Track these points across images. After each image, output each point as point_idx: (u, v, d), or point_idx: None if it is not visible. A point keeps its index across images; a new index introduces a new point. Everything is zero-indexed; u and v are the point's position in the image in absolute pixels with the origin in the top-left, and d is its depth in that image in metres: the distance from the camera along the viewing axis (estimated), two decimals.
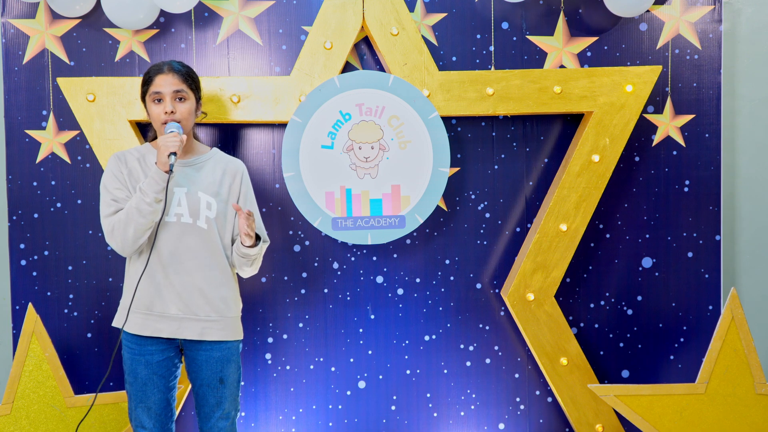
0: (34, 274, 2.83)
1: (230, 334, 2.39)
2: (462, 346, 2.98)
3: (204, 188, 2.38)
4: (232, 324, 2.40)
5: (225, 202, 2.41)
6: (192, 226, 2.34)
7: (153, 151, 2.41)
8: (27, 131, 2.80)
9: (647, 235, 2.98)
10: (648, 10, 2.92)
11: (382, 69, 2.90)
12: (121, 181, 2.34)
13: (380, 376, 2.98)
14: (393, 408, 2.99)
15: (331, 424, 2.97)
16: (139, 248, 2.32)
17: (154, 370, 2.33)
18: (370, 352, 2.97)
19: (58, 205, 2.82)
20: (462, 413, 3.00)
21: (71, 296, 2.84)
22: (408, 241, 2.96)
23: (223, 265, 2.39)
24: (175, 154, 2.23)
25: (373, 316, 2.96)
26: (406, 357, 2.98)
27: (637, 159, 2.96)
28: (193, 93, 2.39)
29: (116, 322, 2.39)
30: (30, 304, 2.61)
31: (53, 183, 2.82)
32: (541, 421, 3.01)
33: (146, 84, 2.37)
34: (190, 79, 2.38)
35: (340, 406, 2.97)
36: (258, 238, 2.43)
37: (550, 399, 3.01)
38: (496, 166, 2.96)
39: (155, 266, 2.32)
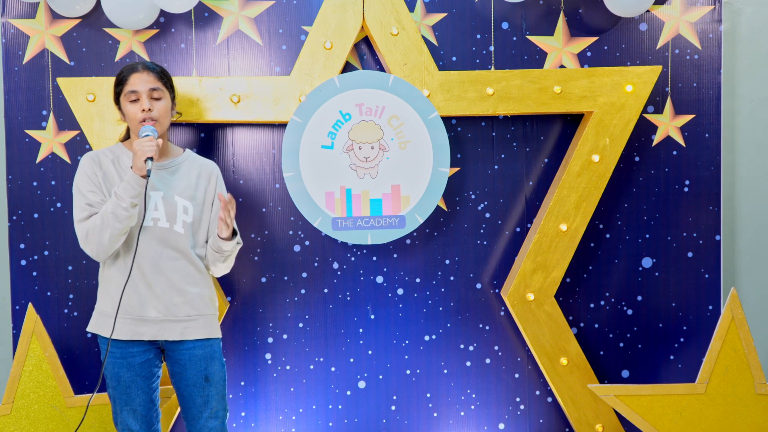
0: (34, 274, 2.83)
1: (211, 332, 2.39)
2: (462, 346, 2.98)
3: (180, 192, 2.37)
4: (211, 322, 2.41)
5: (201, 205, 2.41)
6: (169, 231, 2.34)
7: (127, 152, 2.39)
8: (27, 131, 2.80)
9: (647, 235, 2.98)
10: (648, 10, 2.92)
11: (382, 69, 2.90)
12: (96, 184, 2.32)
13: (380, 376, 2.98)
14: (393, 408, 2.99)
15: (331, 424, 2.97)
16: (114, 253, 2.31)
17: (137, 372, 2.33)
18: (370, 352, 2.97)
19: (58, 205, 2.82)
20: (462, 413, 3.00)
21: (71, 296, 2.84)
22: (408, 241, 2.96)
23: (200, 266, 2.40)
24: (152, 159, 2.21)
25: (373, 316, 2.96)
26: (406, 357, 2.98)
27: (637, 159, 2.96)
28: (169, 92, 2.40)
29: (93, 328, 2.37)
30: (30, 304, 2.61)
31: (53, 183, 2.82)
32: (541, 421, 3.01)
33: (120, 84, 2.36)
34: (165, 78, 2.39)
35: (340, 406, 2.97)
36: (234, 232, 2.42)
37: (550, 399, 3.01)
38: (496, 166, 2.96)
39: (134, 271, 2.31)
